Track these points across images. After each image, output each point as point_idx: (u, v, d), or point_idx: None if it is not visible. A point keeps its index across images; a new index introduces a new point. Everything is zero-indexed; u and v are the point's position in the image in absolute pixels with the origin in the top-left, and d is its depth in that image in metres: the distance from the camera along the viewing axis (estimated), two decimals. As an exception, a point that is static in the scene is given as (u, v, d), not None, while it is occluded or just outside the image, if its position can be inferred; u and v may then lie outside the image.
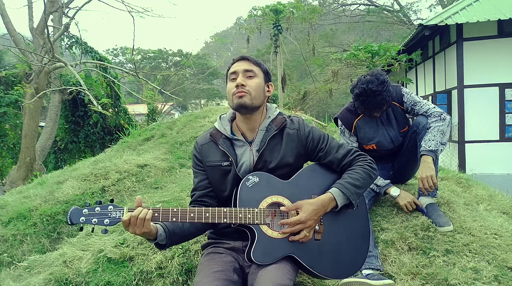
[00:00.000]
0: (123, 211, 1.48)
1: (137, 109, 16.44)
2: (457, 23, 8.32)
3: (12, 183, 7.84)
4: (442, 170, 3.73)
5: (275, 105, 1.81)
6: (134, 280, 2.13)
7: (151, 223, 1.50)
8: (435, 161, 2.33)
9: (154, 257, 2.22)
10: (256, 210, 1.55)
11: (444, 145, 2.32)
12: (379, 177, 2.48)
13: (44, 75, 7.73)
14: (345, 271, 1.69)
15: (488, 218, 2.60)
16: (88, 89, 7.30)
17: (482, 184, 3.45)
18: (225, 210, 1.53)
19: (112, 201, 1.52)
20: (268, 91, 1.74)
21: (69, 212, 1.47)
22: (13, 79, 10.95)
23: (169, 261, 2.20)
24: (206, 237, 1.88)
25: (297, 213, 1.57)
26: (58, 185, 3.68)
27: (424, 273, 2.06)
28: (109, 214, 1.48)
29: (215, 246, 1.72)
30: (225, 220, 1.52)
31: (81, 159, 5.33)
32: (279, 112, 1.78)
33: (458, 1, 9.58)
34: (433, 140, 2.29)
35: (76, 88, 8.30)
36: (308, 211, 1.55)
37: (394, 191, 2.48)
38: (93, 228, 1.52)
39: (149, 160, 3.81)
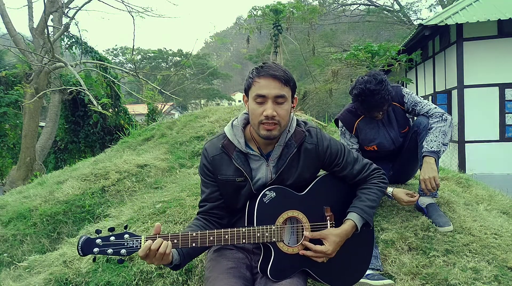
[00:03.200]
0: (140, 240, 1.38)
1: (137, 109, 16.43)
2: (457, 23, 8.32)
3: (12, 183, 7.84)
4: (442, 170, 3.73)
5: (292, 113, 1.65)
6: (134, 280, 2.13)
7: None
8: (437, 162, 2.33)
9: (154, 257, 2.22)
10: (274, 227, 1.52)
11: (446, 146, 2.31)
12: None
13: (44, 75, 7.73)
14: (354, 278, 1.72)
15: (488, 218, 2.60)
16: (88, 89, 7.29)
17: (482, 184, 3.45)
18: (243, 230, 1.48)
19: (126, 227, 1.43)
20: (293, 107, 1.58)
21: (79, 243, 1.34)
22: (13, 79, 10.95)
23: (169, 261, 2.20)
24: None
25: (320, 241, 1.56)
26: (58, 185, 3.68)
27: (424, 273, 2.06)
28: (125, 244, 1.37)
29: None
30: (243, 240, 1.48)
31: (81, 159, 5.33)
32: (297, 122, 1.67)
33: (458, 1, 9.58)
34: (435, 141, 2.28)
35: (76, 88, 8.30)
36: (335, 243, 1.54)
37: (388, 190, 2.43)
38: (108, 259, 1.41)
39: (149, 160, 3.81)
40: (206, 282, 1.52)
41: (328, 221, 1.61)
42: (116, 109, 11.45)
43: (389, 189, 2.44)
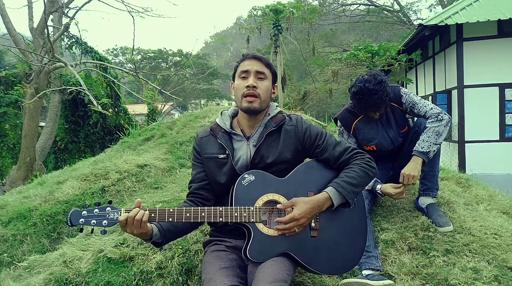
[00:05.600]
0: (120, 212, 1.51)
1: (137, 109, 16.42)
2: (457, 23, 8.32)
3: (12, 183, 7.84)
4: (442, 170, 3.72)
5: (276, 103, 1.83)
6: (134, 280, 2.12)
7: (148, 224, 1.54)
8: (435, 161, 2.36)
9: (154, 257, 2.22)
10: (252, 208, 1.56)
11: (437, 145, 2.33)
12: None
13: (44, 75, 7.72)
14: (342, 267, 1.69)
15: (488, 218, 2.60)
16: (88, 89, 7.30)
17: (482, 184, 3.45)
18: (220, 209, 1.55)
19: (110, 202, 1.56)
20: (273, 92, 1.77)
21: (69, 214, 1.51)
22: (13, 79, 10.95)
23: (169, 261, 2.20)
24: (208, 235, 1.89)
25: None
26: (58, 185, 3.68)
27: (424, 273, 2.06)
28: (107, 216, 1.51)
29: (218, 244, 1.72)
30: (220, 219, 1.54)
31: (81, 159, 5.33)
32: (280, 110, 1.80)
33: (458, 1, 9.58)
34: (426, 142, 2.31)
35: (76, 88, 8.29)
36: (302, 208, 1.53)
37: (378, 188, 2.45)
38: (93, 229, 1.54)
39: (149, 160, 3.81)
40: (203, 284, 1.55)
41: None
42: (116, 109, 11.45)
43: (378, 186, 2.45)
